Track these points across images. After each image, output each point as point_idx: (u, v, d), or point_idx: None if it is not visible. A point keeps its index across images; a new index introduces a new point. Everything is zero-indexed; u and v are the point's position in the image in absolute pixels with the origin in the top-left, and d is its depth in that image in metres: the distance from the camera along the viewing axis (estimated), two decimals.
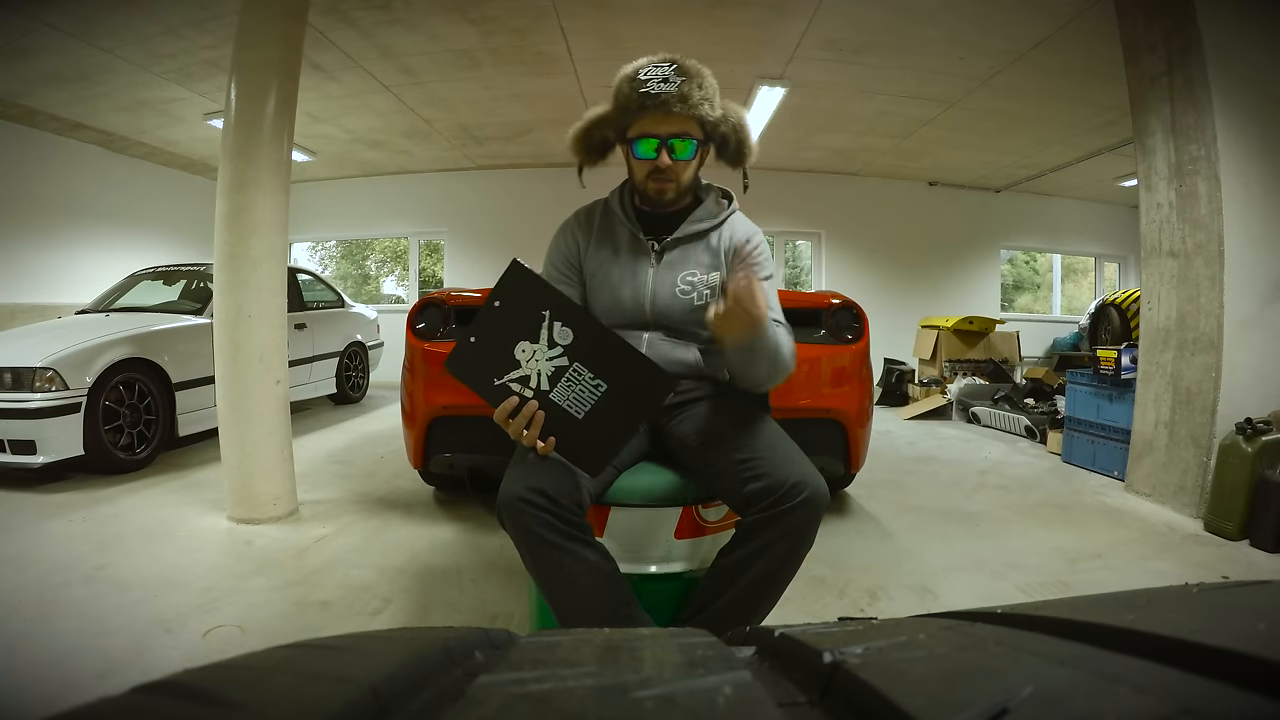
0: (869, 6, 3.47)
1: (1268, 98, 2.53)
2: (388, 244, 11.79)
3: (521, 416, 0.93)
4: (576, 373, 0.92)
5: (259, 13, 2.36)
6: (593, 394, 0.93)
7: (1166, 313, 2.74)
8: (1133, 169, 3.19)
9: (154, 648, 1.49)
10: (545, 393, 0.93)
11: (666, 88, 1.10)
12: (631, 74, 1.14)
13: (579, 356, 0.92)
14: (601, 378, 0.92)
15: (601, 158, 1.27)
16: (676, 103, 1.11)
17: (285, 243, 2.52)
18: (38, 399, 2.69)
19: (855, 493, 2.84)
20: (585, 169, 1.28)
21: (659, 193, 1.20)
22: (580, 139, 1.24)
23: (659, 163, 1.16)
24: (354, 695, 0.25)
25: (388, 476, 3.09)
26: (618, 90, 1.16)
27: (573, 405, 0.93)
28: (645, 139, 1.15)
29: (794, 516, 0.97)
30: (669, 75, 1.11)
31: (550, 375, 0.93)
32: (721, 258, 1.24)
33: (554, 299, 0.92)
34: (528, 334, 0.92)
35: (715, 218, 1.26)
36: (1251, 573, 2.03)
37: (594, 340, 0.92)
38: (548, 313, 0.91)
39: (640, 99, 1.11)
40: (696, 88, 1.13)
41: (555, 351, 0.92)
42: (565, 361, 0.92)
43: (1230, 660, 0.24)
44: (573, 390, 0.93)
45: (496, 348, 0.93)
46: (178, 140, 5.55)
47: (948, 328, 5.58)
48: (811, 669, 0.31)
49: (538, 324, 0.91)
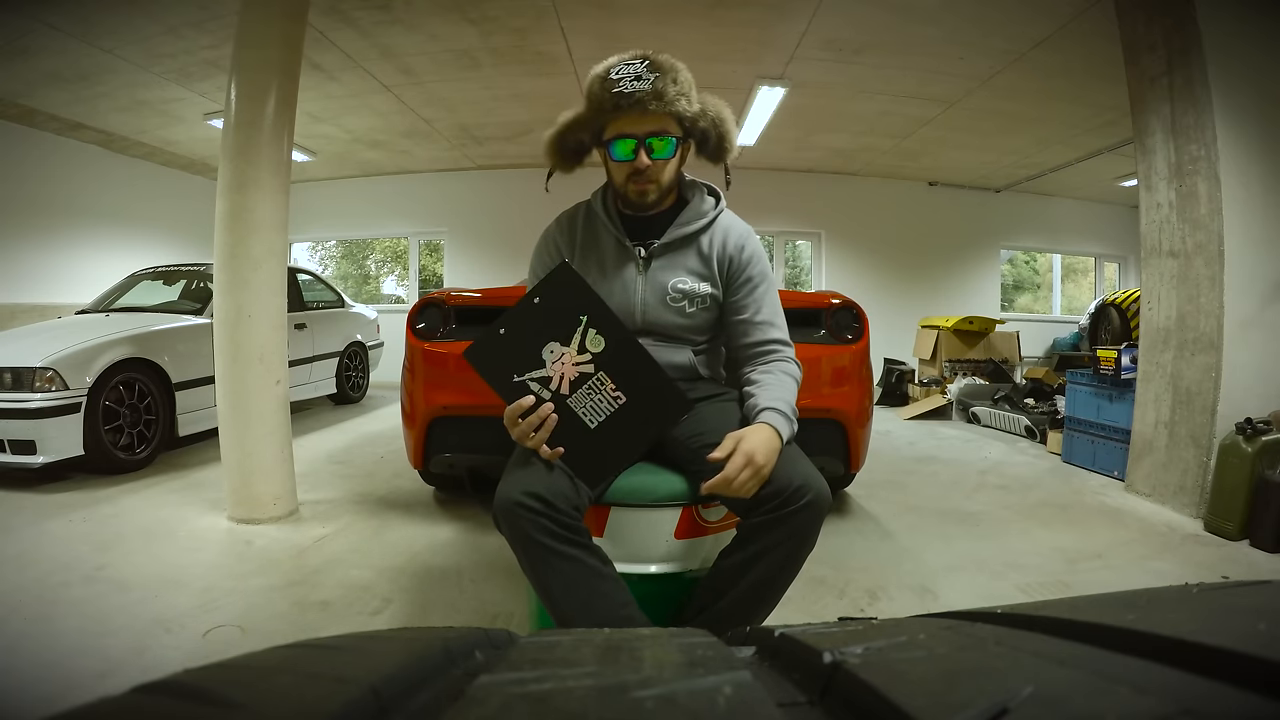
0: (869, 6, 3.47)
1: (1268, 98, 2.53)
2: (388, 244, 11.79)
3: (535, 417, 0.91)
4: (599, 382, 0.92)
5: (259, 13, 2.36)
6: (610, 405, 0.92)
7: (1166, 313, 2.74)
8: (1133, 169, 3.19)
9: (154, 648, 1.49)
10: (564, 397, 0.93)
11: (640, 85, 1.06)
12: (603, 73, 1.10)
13: (605, 366, 0.92)
14: (623, 390, 0.92)
15: (578, 162, 1.23)
16: (652, 100, 1.07)
17: (285, 243, 2.52)
18: (38, 399, 2.69)
19: (855, 493, 2.84)
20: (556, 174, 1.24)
21: (640, 195, 1.16)
22: (555, 144, 1.20)
23: (638, 163, 1.12)
24: (354, 695, 0.25)
25: (388, 476, 3.09)
26: (590, 91, 1.13)
27: (588, 414, 0.93)
28: (622, 139, 1.11)
29: (797, 519, 0.96)
30: (642, 72, 1.07)
31: (573, 380, 0.92)
32: (714, 267, 1.20)
33: (595, 305, 0.91)
34: (560, 335, 0.91)
35: (703, 218, 1.21)
36: (1251, 573, 2.03)
37: (623, 352, 0.91)
38: (585, 318, 0.91)
39: (614, 99, 1.07)
40: (671, 83, 1.08)
41: (584, 357, 0.91)
42: (591, 369, 0.92)
43: (1230, 660, 0.24)
44: (591, 399, 0.93)
45: (525, 344, 0.92)
46: (178, 140, 5.55)
47: (948, 328, 5.59)
48: (811, 669, 0.31)
49: (573, 327, 0.91)
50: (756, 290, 1.20)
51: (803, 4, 3.46)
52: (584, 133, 1.17)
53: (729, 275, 1.21)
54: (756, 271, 1.21)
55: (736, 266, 1.20)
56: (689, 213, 1.22)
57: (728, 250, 1.20)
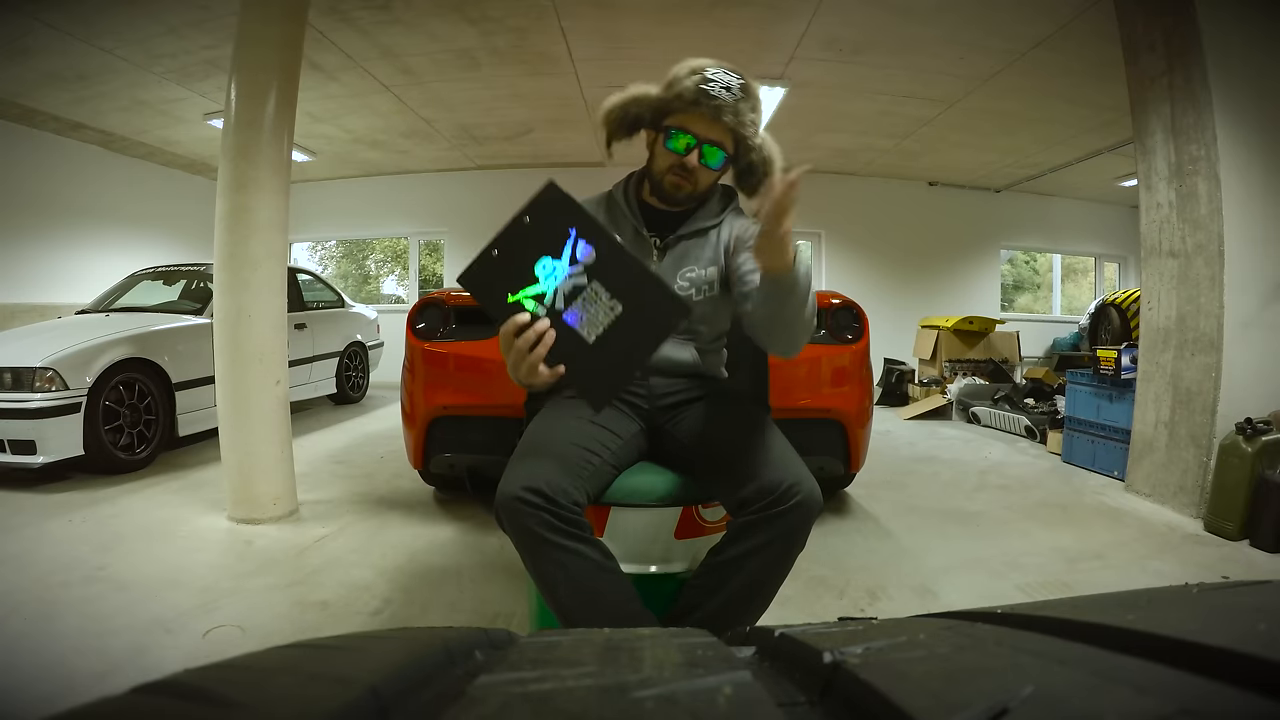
0: (869, 6, 3.47)
1: (1268, 98, 2.53)
2: (388, 244, 11.79)
3: (531, 333, 0.89)
4: (594, 292, 0.90)
5: (259, 13, 2.36)
6: (607, 316, 0.90)
7: (1166, 313, 2.74)
8: (1133, 169, 3.19)
9: (154, 648, 1.49)
10: (559, 312, 0.91)
11: (727, 96, 1.11)
12: (699, 68, 1.14)
13: (598, 275, 0.90)
14: (618, 299, 0.89)
15: (631, 134, 1.25)
16: (729, 112, 1.12)
17: (285, 243, 2.52)
18: (38, 399, 2.69)
19: (855, 493, 2.84)
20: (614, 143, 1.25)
21: (675, 187, 1.19)
22: (617, 111, 1.21)
23: (686, 160, 1.15)
24: (354, 695, 0.25)
25: (388, 476, 3.09)
26: (676, 78, 1.15)
27: (585, 327, 0.90)
28: (683, 133, 1.14)
29: (786, 519, 0.96)
30: (734, 86, 1.12)
31: (567, 294, 0.90)
32: (721, 251, 1.25)
33: (582, 217, 0.90)
34: (551, 249, 0.90)
35: (718, 215, 1.27)
36: (1251, 573, 2.03)
37: (614, 260, 0.90)
38: (574, 229, 0.90)
39: (699, 94, 1.11)
40: (750, 109, 1.15)
41: (576, 269, 0.90)
42: (584, 280, 0.90)
43: (1230, 660, 0.24)
44: (588, 311, 0.90)
45: (516, 262, 0.91)
46: (178, 140, 5.55)
47: (948, 328, 5.59)
48: (811, 669, 0.31)
49: (563, 240, 0.90)
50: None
51: (803, 4, 3.46)
52: (646, 110, 1.20)
53: (734, 246, 1.23)
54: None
55: (741, 241, 1.23)
56: (706, 210, 1.27)
57: (734, 231, 1.25)
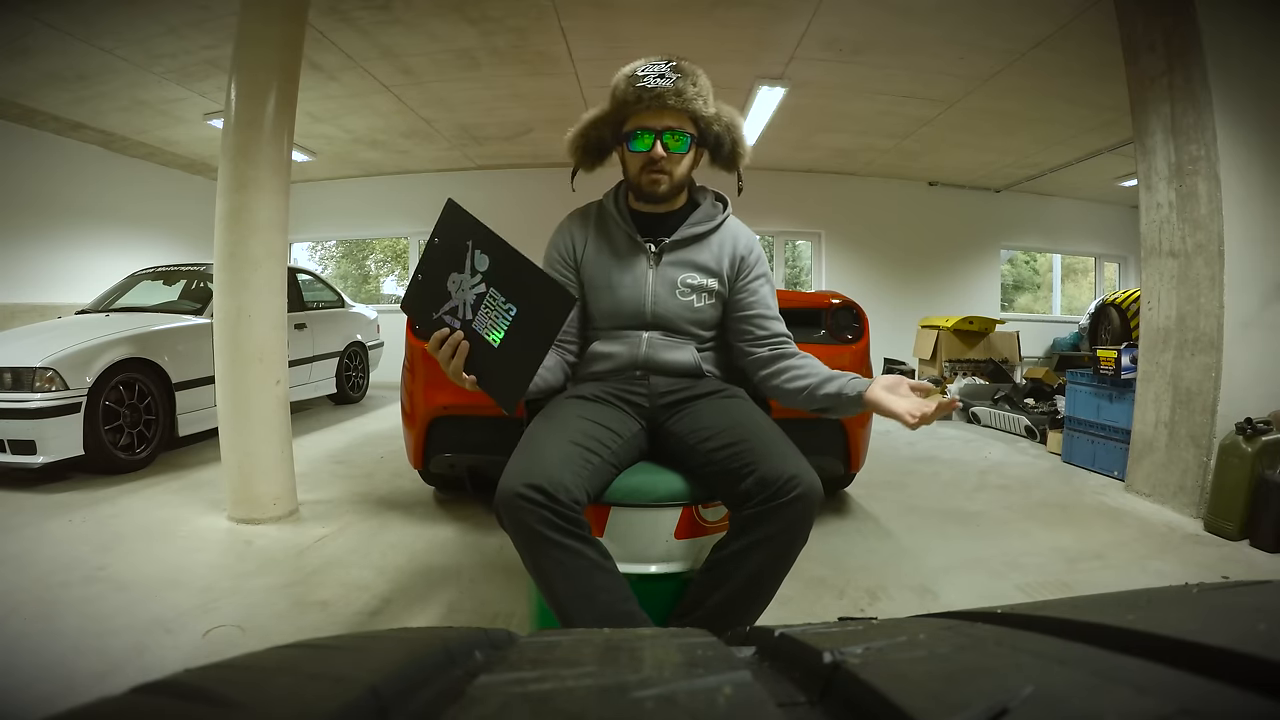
0: (869, 6, 3.47)
1: (1268, 98, 2.53)
2: (388, 244, 11.78)
3: (448, 345, 0.97)
4: (493, 298, 0.96)
5: (259, 13, 2.36)
6: (505, 318, 0.95)
7: (1166, 313, 2.74)
8: (1133, 169, 3.19)
9: (154, 648, 1.49)
10: (469, 321, 0.97)
11: (663, 82, 1.15)
12: (630, 72, 1.19)
13: (494, 281, 0.95)
14: (512, 301, 0.95)
15: (599, 160, 1.30)
16: (672, 96, 1.16)
17: (285, 243, 2.52)
18: (38, 399, 2.69)
19: (855, 493, 2.84)
20: (580, 172, 1.32)
21: (652, 185, 1.22)
22: (578, 140, 1.28)
23: (653, 153, 1.19)
24: (354, 695, 0.25)
25: (388, 476, 3.09)
26: (615, 88, 1.21)
27: (489, 331, 0.96)
28: (641, 132, 1.19)
29: (788, 511, 0.97)
30: (665, 71, 1.16)
31: (472, 304, 0.97)
32: (723, 266, 1.28)
33: (477, 230, 0.96)
34: (457, 265, 0.97)
35: (712, 220, 1.30)
36: (1251, 573, 2.03)
37: (507, 264, 0.95)
38: (471, 242, 0.96)
39: (637, 93, 1.16)
40: (691, 84, 1.18)
41: (476, 279, 0.96)
42: (483, 288, 0.96)
43: (1230, 660, 0.24)
44: (489, 316, 0.96)
45: (435, 283, 0.99)
46: (178, 140, 5.54)
47: (948, 328, 5.58)
48: (811, 669, 0.30)
49: (464, 254, 0.96)
50: (763, 289, 1.29)
51: (803, 4, 3.46)
52: (605, 129, 1.26)
53: (738, 273, 1.29)
54: (763, 272, 1.31)
55: (746, 266, 1.29)
56: (699, 214, 1.30)
57: (738, 251, 1.29)
